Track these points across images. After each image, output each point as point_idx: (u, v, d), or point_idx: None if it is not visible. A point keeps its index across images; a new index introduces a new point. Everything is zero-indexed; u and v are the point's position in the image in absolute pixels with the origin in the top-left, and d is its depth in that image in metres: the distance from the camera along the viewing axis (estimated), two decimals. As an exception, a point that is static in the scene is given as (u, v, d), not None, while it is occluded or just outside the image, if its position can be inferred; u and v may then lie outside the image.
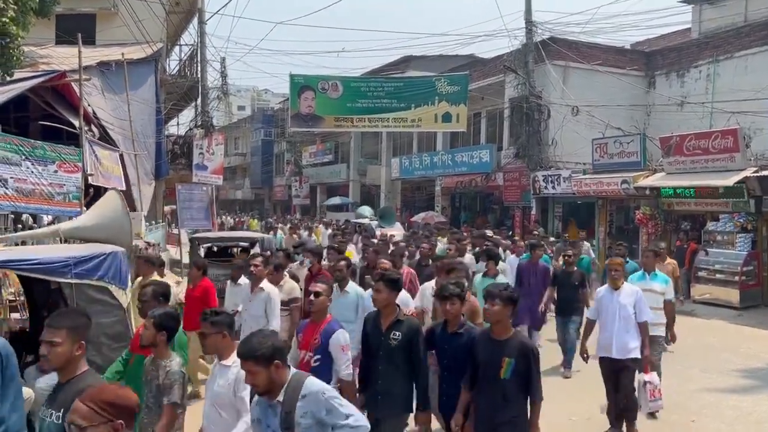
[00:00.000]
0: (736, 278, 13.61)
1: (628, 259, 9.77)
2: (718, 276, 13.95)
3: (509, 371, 4.05)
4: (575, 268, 9.05)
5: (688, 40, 21.35)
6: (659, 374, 6.90)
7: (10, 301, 7.80)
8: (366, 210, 23.64)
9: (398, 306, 4.68)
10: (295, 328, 5.80)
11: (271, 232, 19.09)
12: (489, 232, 13.77)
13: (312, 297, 4.66)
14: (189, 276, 8.32)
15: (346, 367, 4.54)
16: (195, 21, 23.37)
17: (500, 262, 8.78)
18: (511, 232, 19.59)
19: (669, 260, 9.79)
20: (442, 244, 11.78)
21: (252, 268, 6.51)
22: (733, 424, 6.73)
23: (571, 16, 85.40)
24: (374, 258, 8.26)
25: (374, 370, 4.61)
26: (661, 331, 7.23)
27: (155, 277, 7.22)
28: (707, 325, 12.00)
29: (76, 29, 13.34)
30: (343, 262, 6.62)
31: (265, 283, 6.60)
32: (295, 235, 18.15)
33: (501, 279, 7.86)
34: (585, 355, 6.39)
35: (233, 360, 3.77)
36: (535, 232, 16.93)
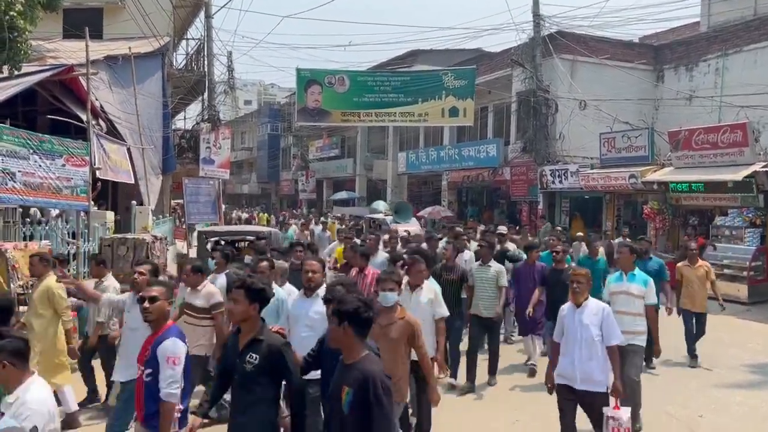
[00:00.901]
0: (745, 273, 13.51)
1: (652, 255, 8.93)
2: (726, 271, 13.84)
3: (347, 404, 3.25)
4: (567, 266, 8.01)
5: (697, 33, 21.19)
6: (639, 401, 6.05)
7: (19, 294, 7.85)
8: (381, 205, 22.69)
9: (262, 320, 3.88)
10: (225, 335, 5.42)
11: (284, 228, 18.20)
12: (503, 228, 13.27)
13: (146, 304, 3.96)
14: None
15: (168, 384, 3.79)
16: (202, 15, 23.40)
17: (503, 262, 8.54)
18: (518, 227, 19.55)
19: (701, 262, 9.04)
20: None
21: (136, 276, 5.42)
22: (742, 420, 6.70)
23: (578, 10, 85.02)
24: (351, 256, 7.63)
25: (233, 399, 3.96)
26: (641, 341, 6.19)
27: (50, 277, 6.33)
28: (715, 321, 11.89)
29: (84, 23, 13.35)
30: (264, 263, 6.05)
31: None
32: (307, 231, 17.66)
33: (493, 271, 7.71)
34: (549, 385, 5.29)
35: (16, 395, 3.21)
36: (542, 227, 16.90)
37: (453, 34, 36.62)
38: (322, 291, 4.90)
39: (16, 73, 11.10)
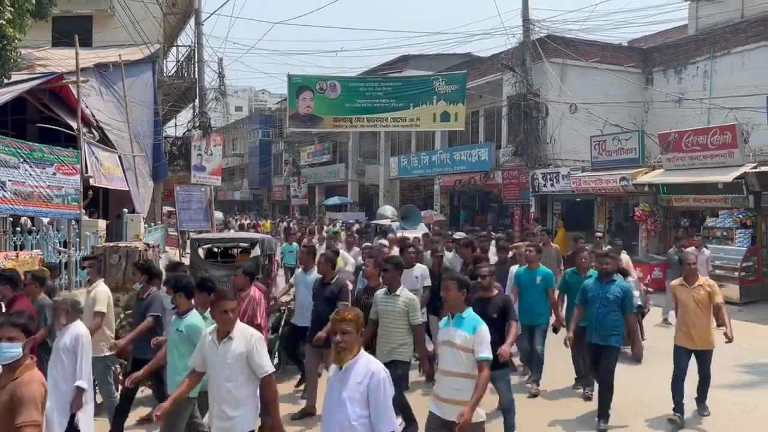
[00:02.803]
0: (736, 274, 13.59)
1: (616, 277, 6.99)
2: (717, 272, 13.89)
3: None
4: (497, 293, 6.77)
5: (685, 36, 21.38)
6: None
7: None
8: (388, 210, 21.39)
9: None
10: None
11: (289, 240, 15.14)
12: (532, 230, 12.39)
13: None
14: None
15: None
16: (192, 22, 23.37)
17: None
18: (509, 231, 19.59)
19: (701, 280, 6.56)
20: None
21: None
22: (738, 420, 6.72)
23: (568, 14, 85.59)
24: (326, 268, 6.81)
25: None
26: (479, 418, 4.35)
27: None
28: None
29: (73, 31, 13.32)
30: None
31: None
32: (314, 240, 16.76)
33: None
34: None
35: None
36: (535, 230, 16.87)
37: (443, 39, 36.83)
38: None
39: (5, 81, 11.04)
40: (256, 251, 10.45)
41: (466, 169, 24.28)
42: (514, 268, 8.13)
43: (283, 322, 8.04)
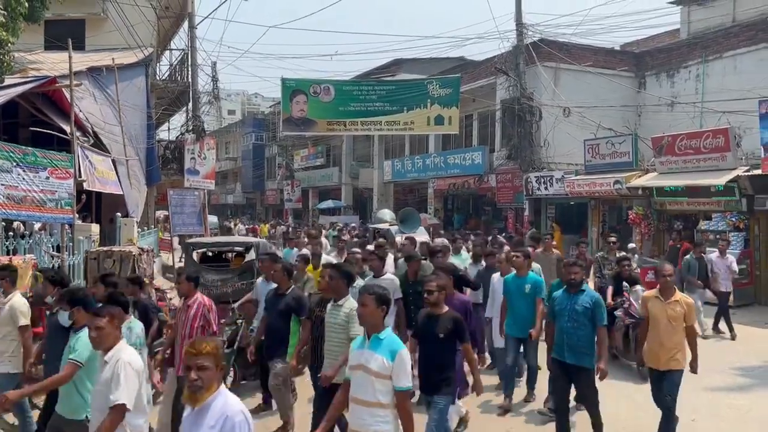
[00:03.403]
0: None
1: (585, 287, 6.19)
2: (710, 274, 13.96)
3: None
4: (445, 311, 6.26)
5: (678, 40, 21.50)
6: None
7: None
8: (386, 214, 20.75)
9: None
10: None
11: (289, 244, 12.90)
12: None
13: None
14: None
15: None
16: (186, 25, 23.31)
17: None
18: (504, 234, 19.61)
19: (678, 296, 5.89)
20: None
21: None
22: (734, 423, 6.74)
23: (561, 18, 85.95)
24: (280, 276, 6.42)
25: None
26: None
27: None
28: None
29: (66, 35, 13.26)
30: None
31: None
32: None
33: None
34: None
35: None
36: (528, 233, 16.82)
37: (438, 43, 37.00)
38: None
39: (-2, 85, 10.99)
40: (251, 255, 10.42)
41: (460, 173, 24.31)
42: (495, 276, 7.72)
43: (239, 336, 7.49)
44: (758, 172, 13.67)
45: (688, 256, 11.80)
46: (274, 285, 6.56)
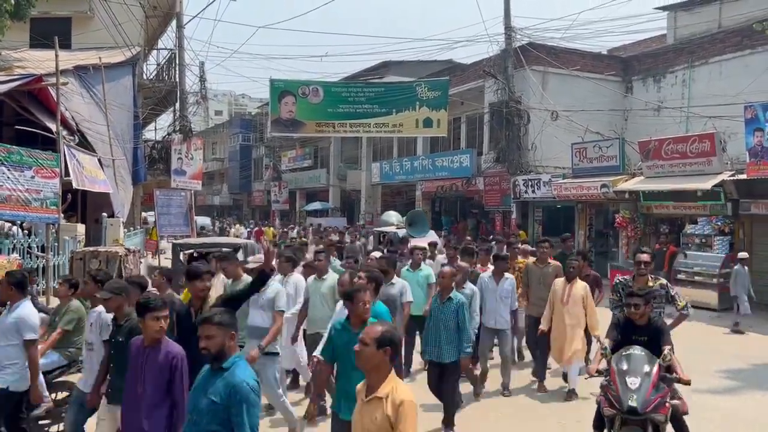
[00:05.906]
0: (714, 280, 13.77)
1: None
2: (696, 278, 14.10)
3: None
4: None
5: (664, 46, 21.70)
6: None
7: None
8: (392, 216, 19.35)
9: None
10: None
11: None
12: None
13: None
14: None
15: None
16: (174, 24, 23.17)
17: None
18: (491, 237, 19.62)
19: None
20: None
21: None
22: (722, 425, 6.80)
23: (550, 22, 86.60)
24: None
25: None
26: None
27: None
28: (686, 327, 12.09)
29: (52, 33, 13.12)
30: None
31: None
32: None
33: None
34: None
35: None
36: (513, 237, 16.72)
37: (427, 46, 37.06)
38: None
39: (-18, 83, 10.85)
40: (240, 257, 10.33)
41: (448, 175, 24.35)
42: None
43: None
44: (743, 176, 13.82)
45: (734, 264, 12.41)
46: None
